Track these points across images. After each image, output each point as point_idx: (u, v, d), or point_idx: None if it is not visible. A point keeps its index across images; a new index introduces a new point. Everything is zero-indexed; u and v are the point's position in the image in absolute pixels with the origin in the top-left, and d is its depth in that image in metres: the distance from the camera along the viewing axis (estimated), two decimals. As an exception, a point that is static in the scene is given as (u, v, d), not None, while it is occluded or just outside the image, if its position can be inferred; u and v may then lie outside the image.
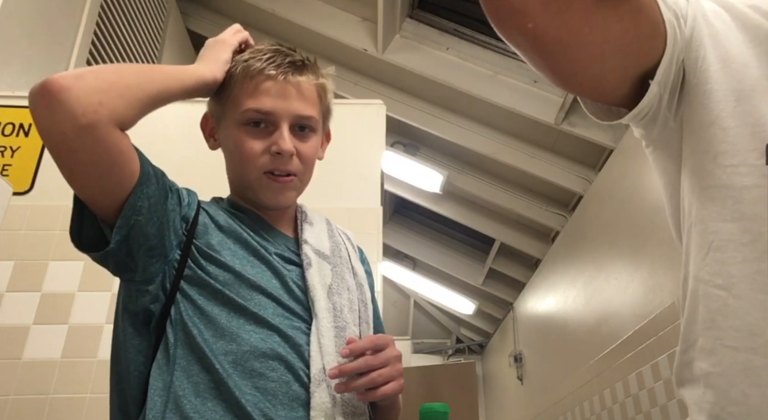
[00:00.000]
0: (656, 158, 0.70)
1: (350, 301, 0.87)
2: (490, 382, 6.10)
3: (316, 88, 0.90)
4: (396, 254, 5.30)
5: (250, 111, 0.85)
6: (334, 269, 0.89)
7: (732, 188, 0.57)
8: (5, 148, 1.65)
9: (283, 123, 0.85)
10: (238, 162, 0.87)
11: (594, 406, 2.94)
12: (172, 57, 3.00)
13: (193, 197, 0.87)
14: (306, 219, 0.95)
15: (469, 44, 2.91)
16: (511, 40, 0.59)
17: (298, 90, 0.87)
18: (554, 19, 0.55)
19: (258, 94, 0.85)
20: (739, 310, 0.55)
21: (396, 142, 3.66)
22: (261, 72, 0.86)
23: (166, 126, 1.75)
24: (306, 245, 0.89)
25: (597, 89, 0.63)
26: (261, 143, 0.85)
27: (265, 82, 0.85)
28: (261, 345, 0.76)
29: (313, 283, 0.84)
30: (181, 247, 0.80)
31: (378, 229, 1.58)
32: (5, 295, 1.47)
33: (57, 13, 2.06)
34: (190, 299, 0.78)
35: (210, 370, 0.73)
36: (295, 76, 0.87)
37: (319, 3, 2.95)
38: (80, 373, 1.39)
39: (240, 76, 0.87)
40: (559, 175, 3.19)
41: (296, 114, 0.86)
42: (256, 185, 0.86)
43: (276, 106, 0.85)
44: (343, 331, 0.82)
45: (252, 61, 0.87)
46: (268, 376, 0.74)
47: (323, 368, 0.77)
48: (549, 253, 3.92)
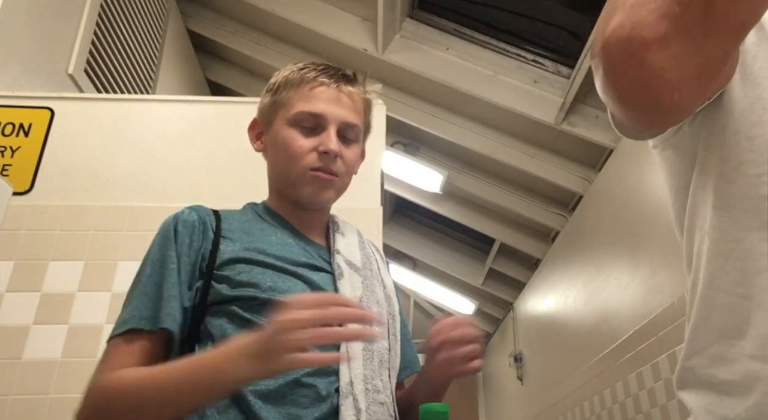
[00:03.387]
0: (664, 159, 0.69)
1: (379, 314, 0.89)
2: (490, 382, 6.10)
3: (363, 102, 0.96)
4: (396, 254, 5.30)
5: (303, 113, 0.90)
6: (364, 282, 0.90)
7: (756, 198, 0.57)
8: (5, 148, 1.64)
9: (331, 126, 0.90)
10: (284, 159, 0.90)
11: (594, 406, 2.94)
12: (172, 57, 3.00)
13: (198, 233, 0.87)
14: (338, 229, 0.97)
15: (469, 44, 2.91)
16: (637, 111, 0.55)
17: (349, 98, 0.93)
18: (701, 89, 0.53)
19: (311, 98, 0.91)
20: (764, 320, 0.54)
21: (396, 142, 3.66)
22: (315, 79, 0.92)
23: (166, 126, 1.75)
24: (338, 255, 0.91)
25: (677, 121, 0.62)
26: (309, 142, 0.89)
27: (319, 88, 0.91)
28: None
29: (344, 293, 0.86)
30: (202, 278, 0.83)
31: (378, 229, 1.58)
32: (5, 295, 1.47)
33: (57, 13, 2.06)
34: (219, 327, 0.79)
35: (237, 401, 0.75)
36: (346, 86, 0.93)
37: (319, 3, 2.95)
38: (80, 373, 1.39)
39: (296, 82, 0.92)
40: (559, 175, 3.19)
41: (344, 120, 0.91)
42: (300, 181, 0.90)
43: (326, 110, 0.90)
44: (371, 344, 0.84)
45: (307, 69, 0.93)
46: (299, 402, 0.76)
47: (351, 382, 0.78)
48: (549, 253, 3.92)
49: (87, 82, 2.17)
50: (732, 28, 0.48)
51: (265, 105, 0.96)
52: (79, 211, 1.56)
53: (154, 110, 1.78)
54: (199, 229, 0.85)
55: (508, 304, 5.06)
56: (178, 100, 1.85)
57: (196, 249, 0.83)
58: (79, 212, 1.56)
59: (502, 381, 5.39)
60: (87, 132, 1.70)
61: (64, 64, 2.08)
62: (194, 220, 0.85)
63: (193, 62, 3.37)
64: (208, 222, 0.86)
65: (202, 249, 0.83)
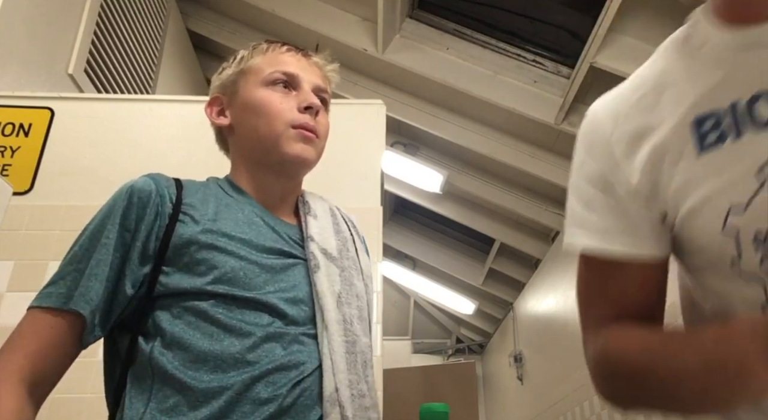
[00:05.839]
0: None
1: (359, 309, 0.83)
2: (490, 382, 6.10)
3: (329, 75, 0.95)
4: (396, 254, 5.30)
5: (277, 72, 0.88)
6: (342, 274, 0.84)
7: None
8: (5, 148, 1.64)
9: (306, 85, 0.89)
10: (264, 120, 0.85)
11: (594, 406, 2.94)
12: (172, 57, 3.00)
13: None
14: (309, 210, 0.90)
15: (469, 44, 2.91)
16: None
17: (317, 66, 0.93)
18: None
19: (281, 62, 0.89)
20: None
21: (396, 142, 3.66)
22: (282, 46, 0.92)
23: (166, 126, 1.75)
24: (312, 243, 0.83)
25: None
26: (288, 100, 0.87)
27: (287, 54, 0.91)
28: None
29: (323, 289, 0.79)
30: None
31: (378, 229, 1.58)
32: (5, 295, 1.47)
33: (57, 13, 2.06)
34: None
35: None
36: (311, 58, 0.93)
37: (319, 3, 2.95)
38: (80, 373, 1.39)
39: (261, 50, 0.91)
40: (559, 175, 3.19)
41: (316, 83, 0.90)
42: (283, 138, 0.84)
43: (299, 72, 0.89)
44: (354, 345, 0.78)
45: (271, 42, 0.93)
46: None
47: (336, 389, 0.73)
48: (549, 253, 3.92)
49: (87, 82, 2.17)
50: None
51: (228, 76, 0.91)
52: (79, 211, 1.56)
53: (154, 110, 1.78)
54: (155, 202, 0.76)
55: (508, 304, 5.06)
56: (178, 100, 1.85)
57: (148, 225, 0.75)
58: (79, 212, 1.56)
59: (502, 381, 5.39)
60: (87, 132, 1.70)
61: (64, 64, 2.08)
62: (150, 191, 0.77)
63: (193, 62, 3.37)
64: (167, 194, 0.78)
65: (156, 227, 0.75)
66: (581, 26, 2.56)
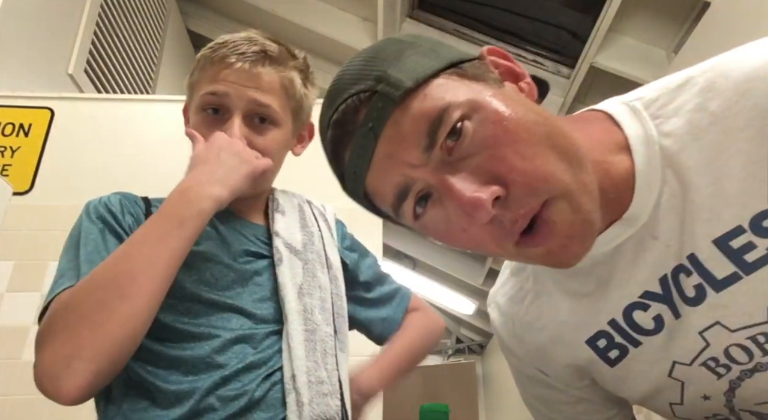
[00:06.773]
0: None
1: (322, 300, 0.84)
2: (491, 382, 6.10)
3: (280, 80, 0.86)
4: (396, 254, 5.29)
5: (206, 95, 0.84)
6: (305, 266, 0.85)
7: None
8: (5, 148, 1.65)
9: (236, 111, 0.83)
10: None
11: (594, 406, 2.93)
12: (172, 57, 3.00)
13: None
14: (278, 208, 0.91)
15: (469, 44, 2.91)
16: None
17: (258, 79, 0.84)
18: None
19: (215, 81, 0.84)
20: None
21: (396, 142, 3.66)
22: (222, 60, 0.84)
23: (166, 126, 1.75)
24: (277, 238, 0.85)
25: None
26: (211, 132, 0.82)
27: (225, 70, 0.84)
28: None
29: (284, 281, 0.81)
30: None
31: (378, 229, 1.58)
32: (5, 295, 1.47)
33: (57, 13, 2.06)
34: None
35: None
36: (256, 66, 0.84)
37: (319, 3, 2.95)
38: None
39: (202, 63, 0.87)
40: (559, 175, 3.18)
41: (252, 99, 0.83)
42: None
43: (230, 91, 0.83)
44: (313, 334, 0.79)
45: (217, 48, 0.86)
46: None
47: (293, 376, 0.75)
48: (549, 253, 3.92)
49: (87, 82, 2.17)
50: None
51: (186, 87, 0.91)
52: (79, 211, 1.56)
53: (154, 110, 1.78)
54: (128, 211, 0.81)
55: (508, 304, 5.05)
56: (178, 100, 1.84)
57: (126, 226, 0.79)
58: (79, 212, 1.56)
59: (503, 381, 5.39)
60: (87, 132, 1.70)
61: (64, 64, 2.08)
62: (120, 201, 0.83)
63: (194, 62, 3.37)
64: (134, 212, 0.82)
65: (131, 230, 0.78)
66: (581, 26, 2.56)
